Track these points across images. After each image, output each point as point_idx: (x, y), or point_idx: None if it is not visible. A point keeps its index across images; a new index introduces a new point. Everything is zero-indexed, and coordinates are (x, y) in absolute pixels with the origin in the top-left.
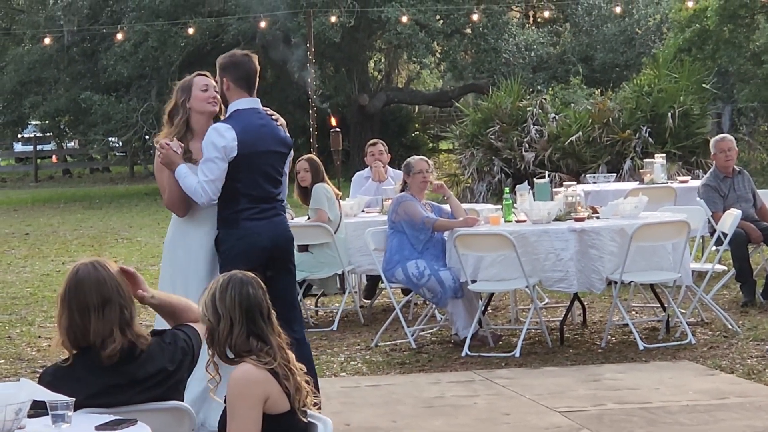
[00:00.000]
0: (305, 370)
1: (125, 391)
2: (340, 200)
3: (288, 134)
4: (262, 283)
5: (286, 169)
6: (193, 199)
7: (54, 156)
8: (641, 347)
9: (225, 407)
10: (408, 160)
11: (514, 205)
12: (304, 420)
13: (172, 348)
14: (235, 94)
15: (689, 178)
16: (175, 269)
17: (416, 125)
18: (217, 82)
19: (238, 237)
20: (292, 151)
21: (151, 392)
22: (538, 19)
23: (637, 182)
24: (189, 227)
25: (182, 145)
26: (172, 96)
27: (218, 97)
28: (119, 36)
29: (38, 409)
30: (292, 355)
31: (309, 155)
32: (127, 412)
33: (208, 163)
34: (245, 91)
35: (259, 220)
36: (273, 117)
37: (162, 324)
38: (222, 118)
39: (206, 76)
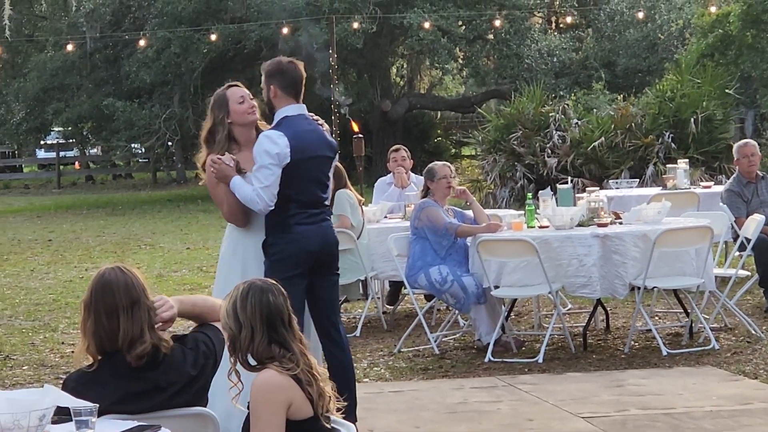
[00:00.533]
0: (328, 375)
1: (149, 398)
2: (363, 206)
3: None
4: (282, 290)
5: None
6: (251, 209)
7: (77, 162)
8: (664, 353)
9: (248, 414)
10: (430, 166)
11: (537, 210)
12: (328, 426)
13: (194, 353)
14: (283, 101)
15: (712, 183)
16: (234, 279)
17: (438, 131)
18: (261, 89)
19: (288, 241)
20: (337, 155)
21: (176, 399)
22: (561, 25)
23: (660, 188)
24: (247, 237)
25: (234, 158)
26: (208, 114)
27: (256, 104)
28: (142, 42)
29: (62, 415)
30: (314, 360)
31: None
32: (151, 418)
33: (262, 170)
34: (293, 98)
35: (308, 224)
36: (319, 122)
37: None
38: (260, 123)
39: (238, 86)
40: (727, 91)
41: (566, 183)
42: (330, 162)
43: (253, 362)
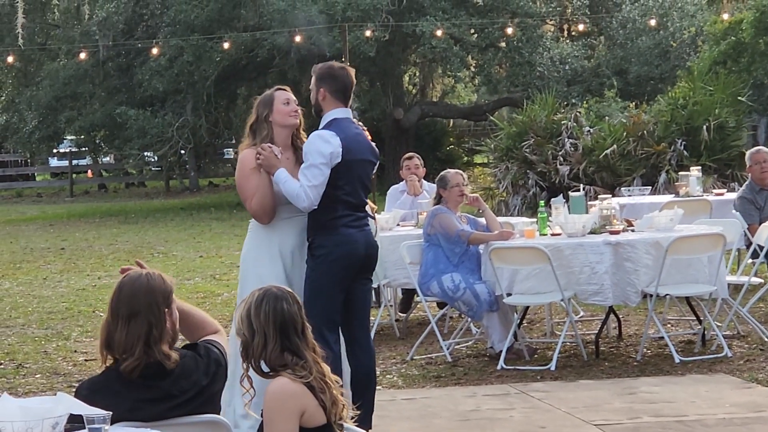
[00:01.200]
0: (341, 383)
1: (160, 406)
2: (375, 214)
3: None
4: (297, 298)
5: None
6: (279, 207)
7: (89, 171)
8: (677, 360)
9: (261, 421)
10: (443, 173)
11: (549, 218)
12: None
13: (205, 361)
14: (331, 104)
15: (725, 190)
16: (262, 275)
17: (451, 139)
18: (311, 90)
19: (337, 243)
20: (378, 162)
21: (186, 407)
22: (573, 33)
23: (673, 195)
24: (272, 234)
25: (282, 151)
26: (252, 110)
27: (299, 110)
28: (154, 51)
29: (75, 423)
30: (327, 369)
31: None
32: (163, 426)
33: (312, 169)
34: (341, 102)
35: (355, 228)
36: (363, 128)
37: None
38: (301, 129)
39: (286, 90)
40: (739, 98)
41: (578, 191)
42: (373, 167)
43: (266, 369)
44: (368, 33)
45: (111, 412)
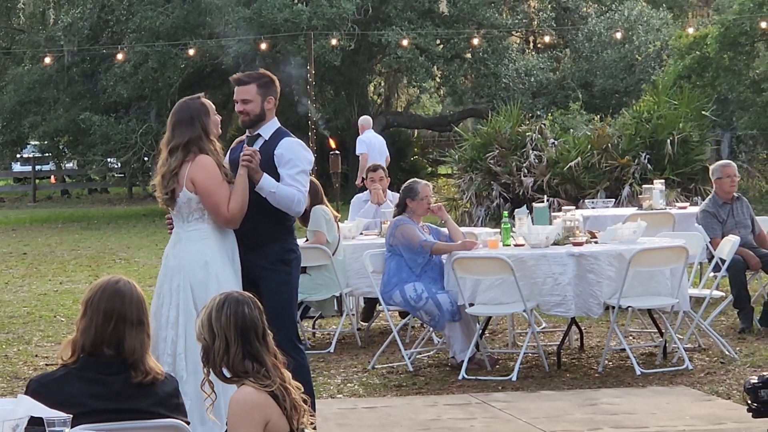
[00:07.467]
0: (302, 389)
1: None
2: (339, 222)
3: None
4: (258, 304)
5: None
6: (286, 210)
7: (52, 176)
8: (638, 372)
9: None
10: (412, 184)
11: (513, 229)
12: None
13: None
14: (273, 113)
15: (688, 204)
16: (216, 282)
17: (415, 149)
18: (248, 101)
19: (298, 246)
20: None
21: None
22: (538, 45)
23: (636, 208)
24: (226, 242)
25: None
26: (191, 119)
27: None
28: (119, 57)
29: (36, 425)
30: (288, 374)
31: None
32: (124, 429)
33: (303, 175)
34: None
35: None
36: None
37: None
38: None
39: (215, 114)
40: (703, 112)
41: (542, 202)
42: None
43: (228, 374)
44: (334, 42)
45: (71, 415)
